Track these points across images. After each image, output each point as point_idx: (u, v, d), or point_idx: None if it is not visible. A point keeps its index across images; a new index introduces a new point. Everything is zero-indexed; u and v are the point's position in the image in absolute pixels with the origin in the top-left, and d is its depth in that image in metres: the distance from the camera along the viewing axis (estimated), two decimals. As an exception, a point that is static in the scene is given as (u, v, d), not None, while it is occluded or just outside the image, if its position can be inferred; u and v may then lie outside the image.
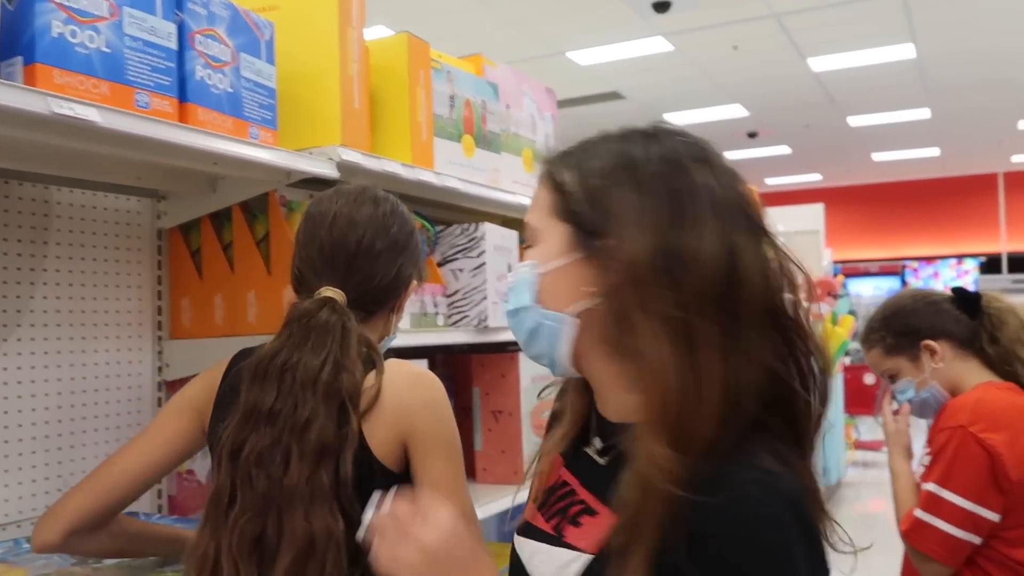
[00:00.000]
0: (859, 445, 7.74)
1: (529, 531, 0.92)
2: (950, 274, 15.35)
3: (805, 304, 0.81)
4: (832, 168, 13.92)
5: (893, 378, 2.01)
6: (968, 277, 14.80)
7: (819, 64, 8.32)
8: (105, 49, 1.22)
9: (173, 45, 1.34)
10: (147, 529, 1.43)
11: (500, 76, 2.20)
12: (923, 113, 10.12)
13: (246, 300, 1.67)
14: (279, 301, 1.62)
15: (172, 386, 1.77)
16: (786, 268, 0.81)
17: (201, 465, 1.71)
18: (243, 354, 1.33)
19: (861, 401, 7.63)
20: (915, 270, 15.70)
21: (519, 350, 2.32)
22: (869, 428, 8.08)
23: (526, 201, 2.28)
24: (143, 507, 1.72)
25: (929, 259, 15.49)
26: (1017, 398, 1.82)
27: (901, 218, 15.31)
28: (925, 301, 2.00)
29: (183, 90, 1.36)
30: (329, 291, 1.28)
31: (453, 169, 1.93)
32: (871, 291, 13.99)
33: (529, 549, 0.90)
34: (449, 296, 2.01)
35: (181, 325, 1.77)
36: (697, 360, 0.74)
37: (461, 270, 2.02)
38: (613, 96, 9.10)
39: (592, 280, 0.82)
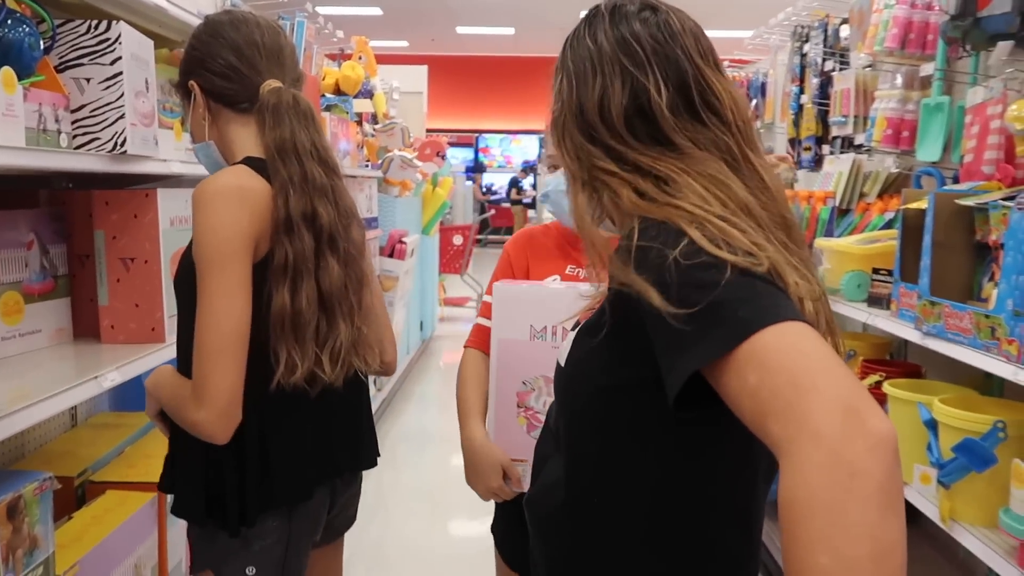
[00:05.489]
0: (447, 302, 8.31)
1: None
2: (516, 147, 17.13)
3: None
4: (419, 37, 14.20)
5: None
6: (531, 151, 16.63)
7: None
8: None
9: None
10: None
11: None
12: (506, -11, 10.72)
13: None
14: None
15: None
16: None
17: None
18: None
19: (449, 262, 8.14)
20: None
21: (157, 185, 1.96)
22: (454, 285, 8.72)
23: (164, 4, 1.88)
24: None
25: (500, 132, 17.04)
26: None
27: (478, 92, 16.41)
28: None
29: None
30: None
31: (76, -57, 1.49)
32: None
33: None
34: (74, 111, 1.58)
35: None
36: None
37: (88, 79, 1.59)
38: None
39: None
